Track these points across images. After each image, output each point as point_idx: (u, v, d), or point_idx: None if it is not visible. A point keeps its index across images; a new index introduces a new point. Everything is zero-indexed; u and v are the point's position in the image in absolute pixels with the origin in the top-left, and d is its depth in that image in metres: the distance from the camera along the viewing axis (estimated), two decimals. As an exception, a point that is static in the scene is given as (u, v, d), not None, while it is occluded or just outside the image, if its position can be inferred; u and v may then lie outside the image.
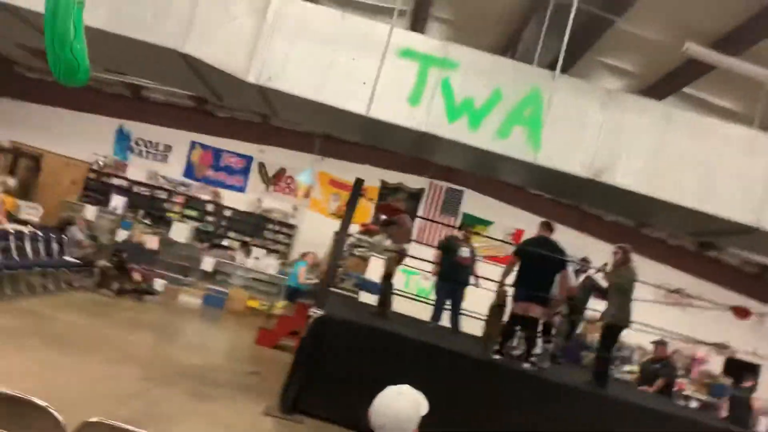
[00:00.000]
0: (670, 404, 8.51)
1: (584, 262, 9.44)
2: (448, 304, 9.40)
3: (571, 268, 8.02)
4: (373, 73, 5.22)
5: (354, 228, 13.49)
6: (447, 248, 9.49)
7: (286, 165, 15.13)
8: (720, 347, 11.29)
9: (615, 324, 7.47)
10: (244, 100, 6.36)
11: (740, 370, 13.21)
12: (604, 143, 5.19)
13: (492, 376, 6.95)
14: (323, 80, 5.23)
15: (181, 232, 13.94)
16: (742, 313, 7.48)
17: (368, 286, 11.45)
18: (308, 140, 14.47)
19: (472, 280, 9.53)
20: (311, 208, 15.08)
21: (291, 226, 15.05)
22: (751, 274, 14.28)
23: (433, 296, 9.64)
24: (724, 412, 11.47)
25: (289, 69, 5.22)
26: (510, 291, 7.93)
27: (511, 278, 7.60)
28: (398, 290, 8.97)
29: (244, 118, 14.96)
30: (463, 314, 9.45)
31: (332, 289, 10.50)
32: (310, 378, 6.62)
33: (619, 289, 7.44)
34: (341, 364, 6.64)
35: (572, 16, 5.54)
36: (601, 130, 5.19)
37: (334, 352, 6.69)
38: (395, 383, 2.48)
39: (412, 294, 9.87)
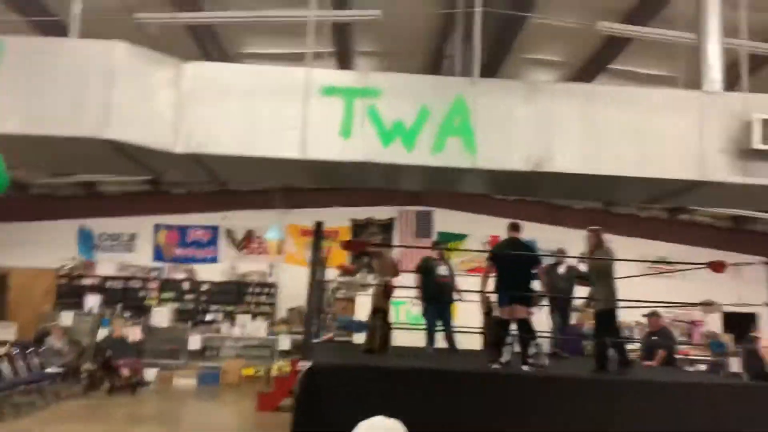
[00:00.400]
0: (671, 373, 8.47)
1: (560, 253, 9.46)
2: (440, 325, 9.35)
3: (545, 263, 8.03)
4: (301, 117, 5.26)
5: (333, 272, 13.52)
6: (425, 270, 9.49)
7: (253, 226, 15.10)
8: (706, 305, 11.31)
9: (605, 308, 7.41)
10: (183, 171, 6.35)
11: (740, 322, 13.29)
12: (536, 134, 5.25)
13: (495, 386, 6.85)
14: (252, 135, 5.24)
15: (161, 316, 13.77)
16: (717, 267, 7.53)
17: (358, 327, 11.37)
18: (269, 197, 14.47)
19: (455, 296, 9.52)
20: (288, 262, 15.00)
21: (271, 285, 14.93)
22: (726, 228, 14.43)
23: (423, 321, 9.57)
24: (734, 367, 11.48)
25: (216, 131, 5.23)
26: (493, 298, 7.94)
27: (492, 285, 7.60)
28: (389, 323, 8.86)
29: (201, 189, 14.93)
30: (457, 331, 9.43)
31: (326, 338, 10.45)
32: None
33: (600, 273, 7.41)
34: (340, 409, 6.48)
35: (478, 23, 5.67)
36: (529, 123, 5.26)
37: (330, 399, 6.54)
38: (400, 417, 2.44)
39: (405, 324, 9.81)
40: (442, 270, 9.38)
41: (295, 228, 14.91)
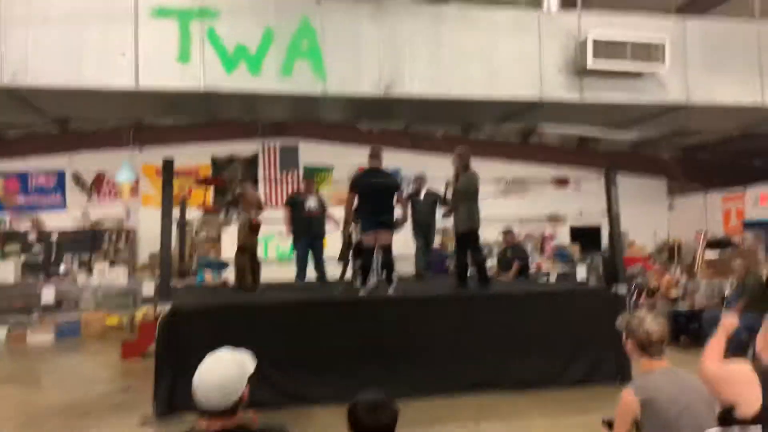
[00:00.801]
0: (525, 284, 9.12)
1: (420, 179, 9.68)
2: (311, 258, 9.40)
3: (404, 188, 8.19)
4: (132, 42, 4.81)
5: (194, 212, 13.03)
6: (294, 204, 9.40)
7: (103, 168, 14.02)
8: (552, 219, 12.20)
9: (467, 229, 7.61)
10: (1, 109, 5.66)
11: (584, 235, 14.48)
12: (385, 57, 5.18)
13: (362, 312, 7.00)
14: (77, 63, 4.73)
15: (6, 271, 12.60)
16: (559, 183, 8.04)
17: (222, 266, 11.16)
18: (118, 135, 13.42)
19: (328, 228, 9.54)
20: (145, 205, 14.16)
21: (129, 231, 14.12)
22: (572, 148, 15.42)
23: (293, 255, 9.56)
24: (580, 275, 12.54)
25: (35, 60, 4.67)
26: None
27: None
28: (258, 259, 8.71)
29: (41, 131, 13.56)
30: (327, 263, 9.52)
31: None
32: (177, 374, 6.30)
33: (466, 195, 7.55)
34: (205, 349, 6.34)
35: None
36: (378, 45, 5.18)
37: (193, 340, 6.36)
38: (264, 352, 2.38)
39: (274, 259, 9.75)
40: (311, 203, 9.33)
41: (151, 168, 13.98)
